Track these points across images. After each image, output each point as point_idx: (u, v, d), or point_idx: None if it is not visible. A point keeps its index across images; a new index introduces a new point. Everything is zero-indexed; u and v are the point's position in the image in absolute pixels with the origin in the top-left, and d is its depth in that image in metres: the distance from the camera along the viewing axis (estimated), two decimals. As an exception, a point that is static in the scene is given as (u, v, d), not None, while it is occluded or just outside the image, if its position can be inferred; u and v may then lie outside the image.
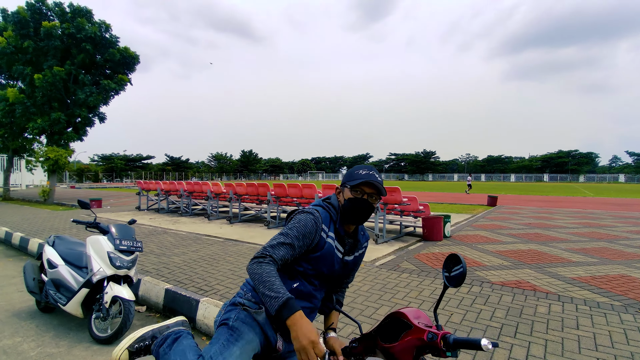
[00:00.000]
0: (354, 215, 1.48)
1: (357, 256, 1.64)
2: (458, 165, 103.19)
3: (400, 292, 4.17)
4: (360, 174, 1.47)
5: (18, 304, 4.33)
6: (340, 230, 1.53)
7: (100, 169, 67.22)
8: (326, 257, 1.47)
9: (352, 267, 1.65)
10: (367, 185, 1.45)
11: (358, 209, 1.46)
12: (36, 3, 16.43)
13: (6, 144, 20.51)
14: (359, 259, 1.66)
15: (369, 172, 1.47)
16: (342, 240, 1.54)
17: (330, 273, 1.53)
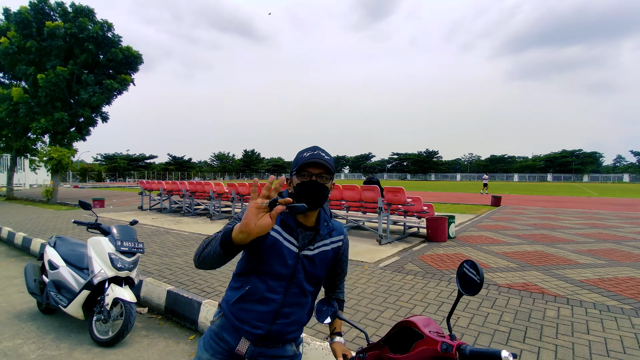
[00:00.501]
0: (304, 200, 1.32)
1: (325, 251, 1.45)
2: (461, 165, 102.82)
3: (405, 294, 4.10)
4: (303, 156, 1.34)
5: (19, 305, 4.30)
6: (289, 220, 1.38)
7: (103, 168, 67.47)
8: (274, 251, 1.35)
9: (324, 265, 1.47)
10: (312, 166, 1.32)
11: (307, 193, 1.32)
12: (39, 3, 16.46)
13: (10, 143, 20.61)
14: (330, 254, 1.47)
15: (313, 152, 1.34)
16: (292, 232, 1.39)
17: (286, 270, 1.37)
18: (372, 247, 6.55)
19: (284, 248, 1.37)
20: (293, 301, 1.42)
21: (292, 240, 1.39)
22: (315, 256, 1.42)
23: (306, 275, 1.42)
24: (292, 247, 1.38)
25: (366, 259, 5.69)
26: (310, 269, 1.42)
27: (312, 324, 3.33)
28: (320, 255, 1.43)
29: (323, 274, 1.50)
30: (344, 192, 7.53)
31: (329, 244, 1.45)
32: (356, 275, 4.84)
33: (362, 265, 5.32)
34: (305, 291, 1.45)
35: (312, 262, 1.41)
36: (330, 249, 1.45)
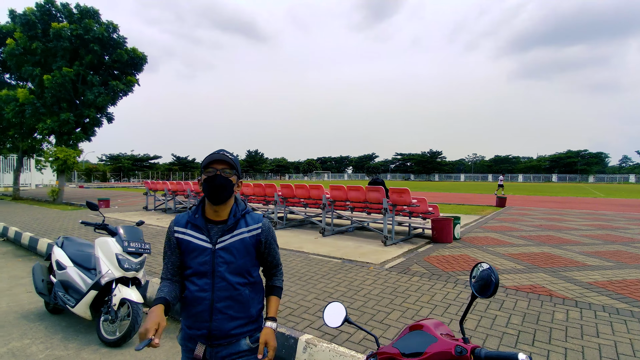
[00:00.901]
0: (211, 193, 1.48)
1: (242, 239, 1.52)
2: (465, 166, 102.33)
3: (411, 296, 4.08)
4: (210, 156, 1.51)
5: (27, 305, 4.33)
6: (198, 221, 1.52)
7: (108, 168, 67.88)
8: (190, 252, 1.51)
9: (243, 253, 1.51)
10: (216, 162, 1.49)
11: (212, 186, 1.47)
12: (45, 4, 16.57)
13: (16, 144, 20.77)
14: (247, 241, 1.53)
15: (218, 152, 1.51)
16: (203, 229, 1.51)
17: (206, 267, 1.48)
18: (377, 248, 6.53)
19: (198, 247, 1.51)
20: (224, 295, 1.49)
21: (203, 238, 1.51)
22: (230, 246, 1.50)
23: (228, 267, 1.49)
24: (205, 244, 1.50)
25: (371, 260, 5.68)
26: (230, 259, 1.49)
27: (318, 325, 3.32)
28: (235, 244, 1.51)
29: (249, 264, 1.54)
30: (348, 192, 7.51)
31: (246, 232, 1.53)
32: (362, 276, 4.82)
33: (367, 267, 5.30)
34: (233, 283, 1.50)
35: (229, 253, 1.49)
36: (248, 237, 1.52)
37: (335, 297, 4.03)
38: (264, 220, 1.61)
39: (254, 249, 1.54)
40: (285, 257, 5.87)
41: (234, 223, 1.52)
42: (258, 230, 1.56)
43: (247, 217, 1.57)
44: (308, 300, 3.96)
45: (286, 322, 3.41)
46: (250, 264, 1.54)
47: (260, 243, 1.56)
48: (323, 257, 5.92)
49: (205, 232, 1.50)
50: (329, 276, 4.84)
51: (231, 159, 1.50)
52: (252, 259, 1.55)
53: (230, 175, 1.49)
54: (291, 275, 4.87)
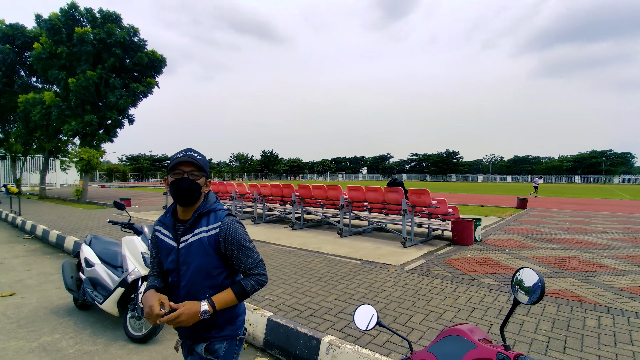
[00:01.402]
0: (177, 195, 1.45)
1: (201, 238, 1.45)
2: (482, 166, 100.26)
3: (434, 299, 4.01)
4: (176, 156, 1.45)
5: (56, 301, 4.48)
6: (167, 219, 1.54)
7: (128, 169, 69.72)
8: (160, 250, 1.56)
9: (202, 253, 1.45)
10: (184, 164, 1.45)
11: (178, 189, 1.43)
12: (69, 9, 17.15)
13: (42, 145, 21.57)
14: (205, 241, 1.45)
15: (185, 152, 1.46)
16: (170, 228, 1.52)
17: (172, 265, 1.50)
18: (396, 250, 6.46)
19: (165, 244, 1.53)
20: (188, 294, 1.47)
21: (169, 236, 1.52)
22: (190, 245, 1.46)
23: (188, 267, 1.46)
24: (171, 241, 1.51)
25: (391, 261, 5.62)
26: (190, 259, 1.46)
27: (341, 326, 3.30)
28: (195, 243, 1.46)
29: (210, 265, 1.46)
30: (366, 193, 7.46)
31: (205, 231, 1.46)
32: (382, 278, 4.78)
33: (387, 268, 5.24)
34: (196, 284, 1.47)
35: (188, 252, 1.46)
36: (206, 237, 1.45)
37: (357, 299, 4.00)
38: (226, 218, 1.49)
39: (212, 250, 1.45)
40: (305, 258, 5.88)
41: (194, 221, 1.47)
42: (216, 229, 1.46)
43: (210, 216, 1.49)
44: (329, 301, 3.95)
45: (308, 323, 3.41)
46: (210, 265, 1.46)
47: (219, 244, 1.46)
48: (342, 258, 5.90)
49: (172, 231, 1.50)
50: (349, 277, 4.81)
51: (199, 159, 1.46)
52: (212, 261, 1.46)
53: (198, 178, 1.45)
54: (311, 276, 4.87)
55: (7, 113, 21.44)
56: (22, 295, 4.65)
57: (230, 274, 1.54)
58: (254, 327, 3.48)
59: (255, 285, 1.50)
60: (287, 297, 4.10)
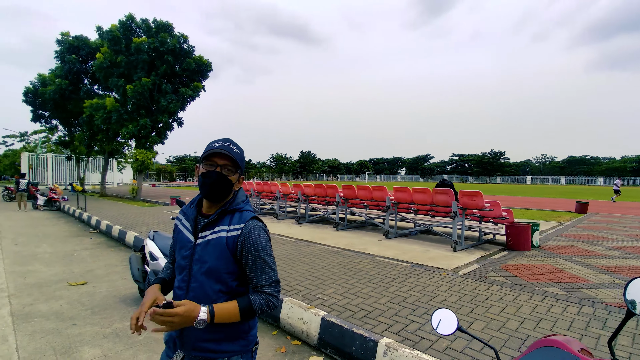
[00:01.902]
0: (205, 190, 1.31)
1: (220, 237, 1.30)
2: (531, 167, 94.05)
3: (494, 306, 3.80)
4: (213, 146, 1.31)
5: (123, 291, 4.82)
6: (189, 210, 1.41)
7: (175, 169, 73.85)
8: (178, 242, 1.42)
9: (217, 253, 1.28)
10: (218, 156, 1.30)
11: (207, 183, 1.29)
12: (127, 21, 18.51)
13: (103, 147, 23.47)
14: (223, 241, 1.29)
15: (223, 143, 1.32)
16: (191, 220, 1.38)
17: (185, 261, 1.33)
18: (446, 254, 6.23)
19: (182, 236, 1.39)
20: (195, 297, 1.28)
21: (189, 228, 1.38)
22: (207, 243, 1.31)
23: (201, 267, 1.29)
24: (189, 235, 1.37)
25: (442, 265, 5.42)
26: (204, 258, 1.30)
27: (397, 329, 3.24)
28: (213, 241, 1.30)
29: (223, 269, 1.29)
30: (414, 194, 7.27)
31: (226, 231, 1.31)
32: (435, 282, 4.62)
33: (439, 272, 5.07)
34: (207, 288, 1.28)
35: (204, 250, 1.30)
36: (226, 237, 1.30)
37: (410, 302, 3.90)
38: (250, 222, 1.32)
39: (229, 253, 1.29)
40: (352, 259, 5.85)
41: (217, 217, 1.33)
42: (238, 231, 1.30)
43: (235, 215, 1.34)
44: (382, 304, 3.89)
45: (363, 324, 3.38)
46: (224, 269, 1.29)
47: (237, 248, 1.29)
48: (390, 260, 5.79)
49: (192, 223, 1.36)
50: (399, 280, 4.71)
51: (236, 154, 1.32)
52: (227, 265, 1.29)
53: (232, 174, 1.32)
54: (361, 277, 4.83)
55: (72, 118, 23.59)
56: (94, 285, 5.07)
57: (244, 283, 1.37)
58: (308, 326, 3.51)
59: (264, 305, 1.30)
60: (338, 297, 4.09)
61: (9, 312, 3.97)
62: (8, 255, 6.69)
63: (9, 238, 8.40)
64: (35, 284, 4.98)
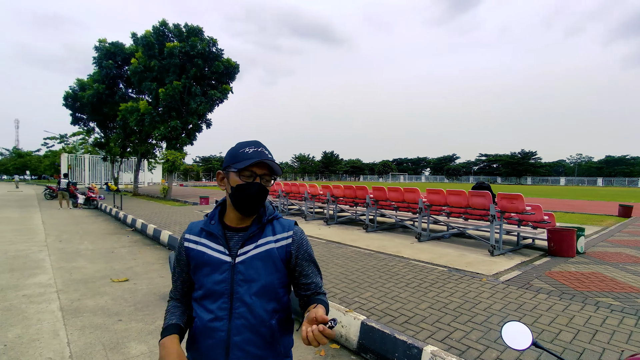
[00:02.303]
0: (245, 203, 1.14)
1: (268, 250, 1.17)
2: (565, 167, 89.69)
3: (543, 316, 3.61)
4: (247, 152, 1.14)
5: (162, 288, 4.95)
6: (214, 227, 1.19)
7: (201, 169, 75.91)
8: (203, 267, 1.18)
9: (270, 268, 1.16)
10: (259, 166, 1.16)
11: (252, 195, 1.14)
12: (160, 27, 19.17)
13: (136, 148, 24.43)
14: (275, 253, 1.18)
15: (257, 149, 1.16)
16: (220, 238, 1.18)
17: (222, 286, 1.14)
18: (484, 258, 6.01)
19: (212, 260, 1.17)
20: (243, 326, 1.14)
21: (220, 249, 1.18)
22: (253, 259, 1.16)
23: (250, 287, 1.14)
24: (222, 256, 1.17)
25: (482, 270, 5.22)
26: (253, 276, 1.15)
27: (441, 336, 3.13)
28: (260, 256, 1.17)
29: (278, 283, 1.18)
30: (448, 197, 7.06)
31: (273, 242, 1.19)
32: (475, 288, 4.46)
33: (479, 278, 4.88)
34: (257, 310, 1.14)
35: (251, 268, 1.16)
36: (276, 248, 1.18)
37: (452, 309, 3.77)
38: (296, 228, 1.26)
39: (283, 265, 1.20)
40: (386, 262, 5.75)
41: (258, 230, 1.19)
42: (288, 239, 1.21)
43: (274, 224, 1.24)
44: (422, 309, 3.78)
45: (405, 330, 3.29)
46: (278, 284, 1.19)
47: (290, 256, 1.21)
48: (426, 263, 5.65)
49: (223, 241, 1.17)
50: (437, 285, 4.58)
51: (276, 164, 1.20)
52: (281, 278, 1.20)
53: (269, 184, 1.21)
54: (397, 281, 4.73)
55: (108, 120, 24.70)
56: (134, 282, 5.24)
57: (288, 294, 1.28)
58: (347, 329, 3.46)
59: (328, 303, 1.22)
60: (376, 301, 4.02)
61: (58, 307, 4.17)
62: (54, 252, 7.05)
63: (53, 235, 8.87)
64: (81, 280, 5.21)
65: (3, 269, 5.68)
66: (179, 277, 1.25)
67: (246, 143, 1.19)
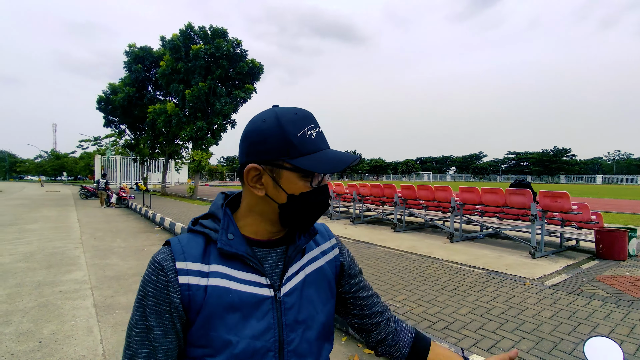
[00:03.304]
0: (315, 213, 0.72)
1: (319, 269, 0.80)
2: (602, 165, 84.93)
3: (600, 325, 3.27)
4: (311, 138, 0.69)
5: (191, 287, 4.94)
6: (237, 244, 0.70)
7: (225, 169, 77.45)
8: (226, 316, 0.67)
9: (325, 294, 0.79)
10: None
11: (324, 207, 0.73)
12: (186, 29, 19.59)
13: (164, 149, 25.13)
14: (327, 271, 0.81)
15: (318, 129, 0.72)
16: (249, 263, 0.70)
17: (265, 340, 0.68)
18: (524, 261, 5.63)
19: (245, 298, 0.68)
20: None
21: (254, 278, 0.70)
22: (304, 285, 0.76)
23: (305, 329, 0.73)
24: (260, 289, 0.70)
25: (524, 274, 4.87)
26: (308, 310, 0.75)
27: (487, 345, 2.87)
28: (312, 278, 0.77)
29: (331, 312, 0.80)
30: (483, 195, 6.69)
31: (320, 255, 0.82)
32: (520, 293, 4.14)
33: (521, 282, 4.55)
34: (321, 356, 0.77)
35: (305, 299, 0.75)
36: (326, 263, 0.82)
37: (496, 315, 3.50)
38: (332, 233, 0.90)
39: (335, 285, 0.84)
40: (419, 263, 5.49)
41: (304, 243, 0.78)
42: (334, 249, 0.85)
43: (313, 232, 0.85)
44: (462, 314, 3.53)
45: (446, 337, 3.06)
46: (331, 313, 0.81)
47: (342, 271, 0.85)
48: (461, 265, 5.35)
49: (257, 264, 0.71)
50: (477, 288, 4.29)
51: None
52: (334, 305, 0.83)
53: None
54: (432, 284, 4.48)
55: (138, 122, 25.55)
56: (164, 280, 5.26)
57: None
58: (382, 335, 3.28)
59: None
60: (412, 304, 3.80)
61: (92, 304, 4.21)
62: (88, 249, 7.25)
63: (88, 233, 9.17)
64: (114, 277, 5.28)
65: (41, 265, 5.87)
66: (159, 342, 0.66)
67: (300, 117, 0.70)
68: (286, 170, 0.68)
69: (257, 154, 0.69)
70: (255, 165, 0.69)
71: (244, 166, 0.71)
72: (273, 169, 0.69)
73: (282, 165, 0.68)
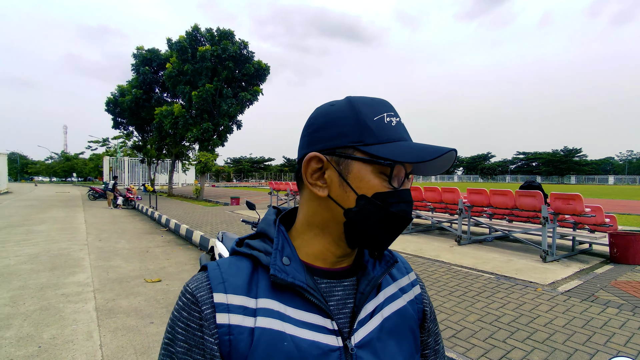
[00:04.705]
0: (392, 233, 0.55)
1: (400, 310, 0.61)
2: (614, 166, 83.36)
3: (617, 334, 3.12)
4: (392, 125, 0.54)
5: (194, 291, 4.88)
6: (297, 274, 0.53)
7: (232, 170, 77.77)
8: None
9: (407, 341, 0.60)
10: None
11: (407, 217, 0.54)
12: (193, 31, 19.65)
13: (170, 150, 25.26)
14: (410, 312, 0.63)
15: (398, 118, 0.57)
16: (312, 302, 0.53)
17: None
18: (535, 265, 5.46)
19: (304, 347, 0.51)
20: None
21: (317, 321, 0.54)
22: (382, 334, 0.57)
23: None
24: (325, 336, 0.53)
25: (534, 279, 4.72)
26: None
27: (497, 355, 2.75)
28: (391, 325, 0.59)
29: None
30: (491, 197, 6.54)
31: (400, 292, 0.64)
32: (531, 299, 3.99)
33: (533, 287, 4.40)
34: None
35: (385, 353, 0.56)
36: (408, 303, 0.64)
37: (506, 323, 3.36)
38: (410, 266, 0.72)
39: (418, 331, 0.64)
40: (425, 267, 5.36)
41: (381, 275, 0.60)
42: (415, 287, 0.67)
43: (387, 257, 0.66)
44: (471, 322, 3.40)
45: (453, 346, 2.94)
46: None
47: (425, 316, 0.67)
48: (469, 269, 5.21)
49: (321, 300, 0.54)
50: (486, 294, 4.15)
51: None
52: (417, 349, 0.63)
53: None
54: (439, 289, 4.35)
55: (145, 124, 25.74)
56: (167, 282, 5.21)
57: None
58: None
59: None
60: (418, 311, 3.68)
61: (94, 307, 4.18)
62: (93, 250, 7.26)
63: (94, 234, 9.20)
64: (117, 279, 5.25)
65: (45, 267, 5.87)
66: None
67: (377, 102, 0.57)
68: (357, 162, 0.52)
69: (321, 140, 0.54)
70: (317, 154, 0.53)
71: (302, 160, 0.55)
72: (340, 160, 0.53)
73: (352, 155, 0.52)
